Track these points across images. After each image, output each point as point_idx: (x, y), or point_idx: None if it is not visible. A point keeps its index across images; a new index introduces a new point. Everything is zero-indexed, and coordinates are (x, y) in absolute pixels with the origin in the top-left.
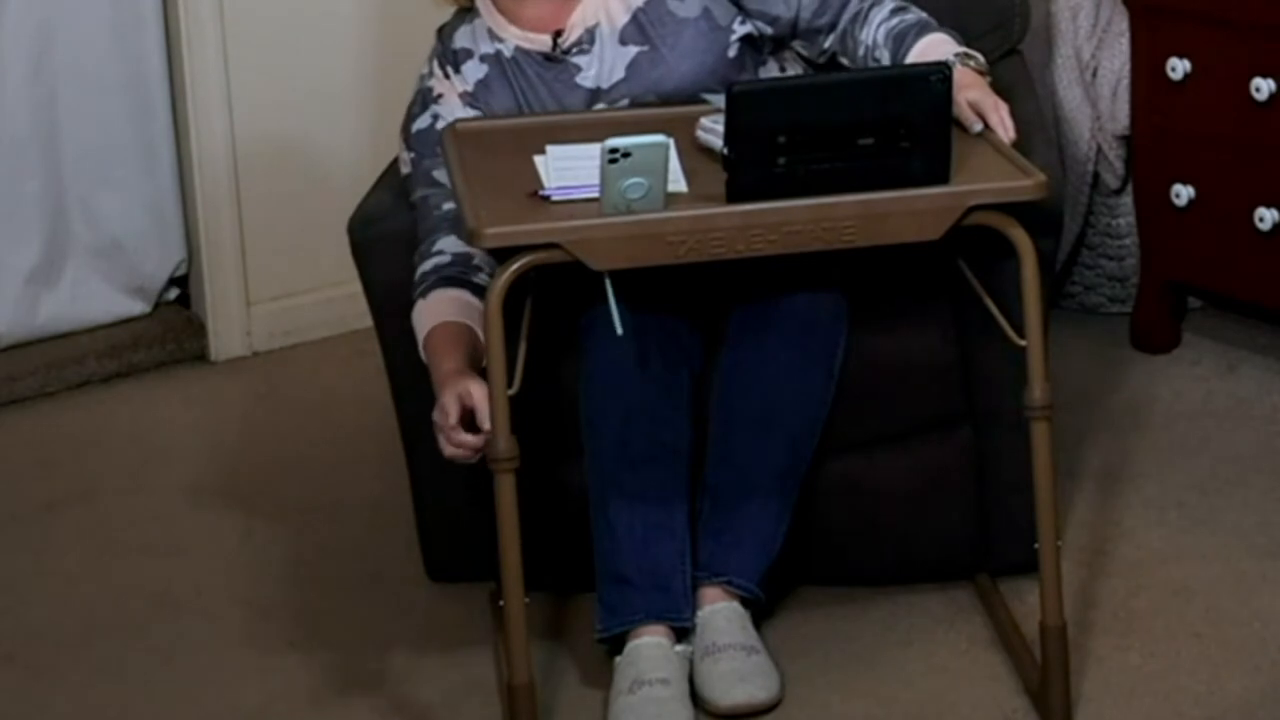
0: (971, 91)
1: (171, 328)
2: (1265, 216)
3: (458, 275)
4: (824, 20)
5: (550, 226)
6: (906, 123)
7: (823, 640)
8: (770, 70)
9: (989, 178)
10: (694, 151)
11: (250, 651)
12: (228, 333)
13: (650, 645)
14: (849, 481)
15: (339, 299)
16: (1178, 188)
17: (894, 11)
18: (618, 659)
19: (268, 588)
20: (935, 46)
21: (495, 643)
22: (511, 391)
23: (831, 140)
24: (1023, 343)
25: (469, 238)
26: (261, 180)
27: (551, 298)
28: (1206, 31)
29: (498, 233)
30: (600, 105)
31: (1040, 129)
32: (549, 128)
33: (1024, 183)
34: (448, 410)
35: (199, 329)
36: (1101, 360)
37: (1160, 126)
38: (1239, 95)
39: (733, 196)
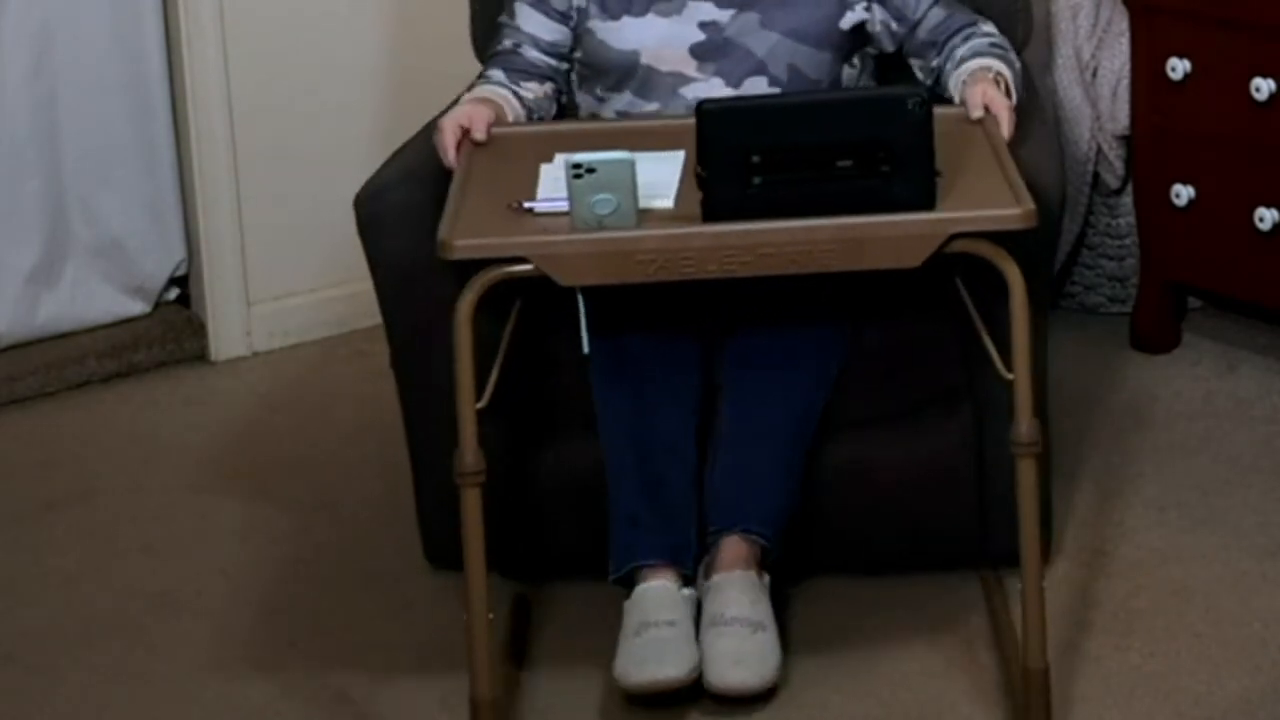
0: (989, 88)
1: (171, 328)
2: (1265, 216)
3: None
4: (940, 39)
5: (518, 240)
6: (885, 146)
7: (823, 640)
8: (852, 76)
9: (976, 203)
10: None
11: (250, 651)
12: (228, 333)
13: (657, 589)
14: (850, 466)
15: (339, 299)
16: (1178, 188)
17: (985, 35)
18: (626, 603)
19: (268, 588)
20: (985, 60)
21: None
22: (480, 405)
23: (808, 161)
24: (1010, 376)
25: (438, 248)
26: (261, 180)
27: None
28: (1206, 31)
29: (467, 244)
30: (710, 3)
31: (1040, 129)
32: (572, 135)
33: (1011, 212)
34: (461, 119)
35: (199, 329)
36: (1101, 360)
37: (1160, 126)
38: (1239, 95)
39: (708, 216)
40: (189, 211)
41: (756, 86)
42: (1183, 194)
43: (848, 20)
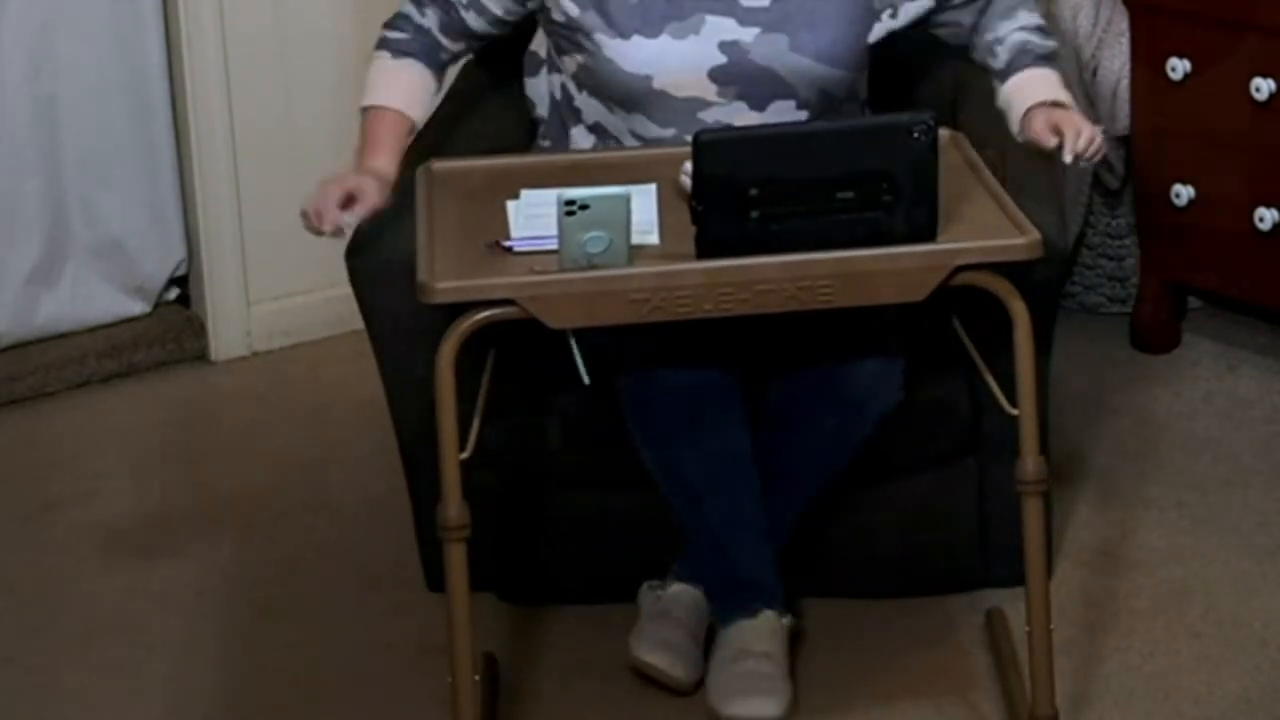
0: (1054, 113)
1: (171, 328)
2: (1265, 216)
3: (429, 51)
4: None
5: (504, 281)
6: (888, 176)
7: (824, 649)
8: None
9: (981, 234)
10: (676, 199)
11: (250, 651)
12: (228, 333)
13: (757, 621)
14: (858, 503)
15: (339, 299)
16: (1178, 188)
17: (1037, 28)
18: (721, 630)
19: (268, 588)
20: (1036, 82)
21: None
22: (464, 455)
23: (807, 193)
24: (1015, 411)
25: (419, 292)
26: (261, 180)
27: None
28: (1206, 31)
29: (449, 287)
30: (731, 20)
31: None
32: (532, 169)
33: (1016, 241)
34: (337, 186)
35: (199, 329)
36: (1101, 360)
37: (1160, 126)
38: (1239, 95)
39: (702, 252)
40: (189, 211)
41: (784, 110)
42: (1183, 194)
43: (876, 33)
